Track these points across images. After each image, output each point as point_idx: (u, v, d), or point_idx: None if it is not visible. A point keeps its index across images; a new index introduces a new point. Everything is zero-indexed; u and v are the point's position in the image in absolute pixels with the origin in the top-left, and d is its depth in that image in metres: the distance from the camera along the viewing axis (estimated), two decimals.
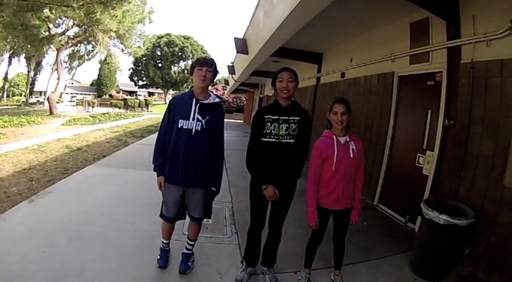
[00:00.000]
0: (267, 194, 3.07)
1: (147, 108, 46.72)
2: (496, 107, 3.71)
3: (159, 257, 3.52)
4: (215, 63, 3.23)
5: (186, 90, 3.52)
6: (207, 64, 3.14)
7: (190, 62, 53.60)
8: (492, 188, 3.68)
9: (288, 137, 3.05)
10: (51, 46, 27.61)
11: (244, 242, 3.56)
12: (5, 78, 52.90)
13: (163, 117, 3.26)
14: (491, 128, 3.76)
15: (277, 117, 3.07)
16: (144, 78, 58.92)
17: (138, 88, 63.63)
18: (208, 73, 3.13)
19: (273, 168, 3.07)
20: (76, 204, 5.05)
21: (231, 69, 17.24)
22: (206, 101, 3.17)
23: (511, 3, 3.56)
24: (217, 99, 3.26)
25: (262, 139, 3.07)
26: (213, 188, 3.24)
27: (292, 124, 3.06)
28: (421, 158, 4.96)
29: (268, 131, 3.05)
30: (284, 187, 3.12)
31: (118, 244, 3.90)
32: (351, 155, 2.97)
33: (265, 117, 3.08)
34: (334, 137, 2.99)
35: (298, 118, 3.08)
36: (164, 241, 3.57)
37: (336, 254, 3.37)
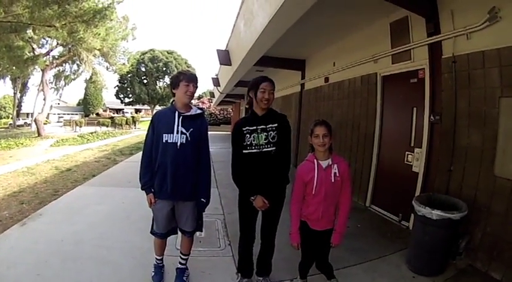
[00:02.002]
0: (257, 204, 3.06)
1: (135, 125, 46.67)
2: (480, 99, 3.74)
3: (153, 273, 3.48)
4: (197, 78, 3.24)
5: None
6: (194, 80, 3.15)
7: None
8: (483, 179, 3.70)
9: (268, 146, 3.04)
10: (36, 67, 27.41)
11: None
12: None
13: (147, 134, 3.24)
14: (477, 120, 3.79)
15: (254, 127, 3.06)
16: (130, 95, 58.42)
17: (125, 105, 63.16)
18: (194, 89, 3.14)
19: (258, 179, 3.06)
20: (68, 224, 4.98)
21: (216, 82, 17.28)
22: (188, 113, 3.17)
23: None
24: (199, 111, 3.27)
25: (244, 151, 3.06)
26: (202, 199, 3.23)
27: (271, 132, 3.05)
28: (409, 156, 4.97)
29: (248, 143, 3.05)
30: (273, 195, 3.10)
31: (112, 262, 3.83)
32: (332, 179, 2.91)
33: (243, 129, 3.07)
34: (315, 161, 2.94)
35: (276, 125, 3.07)
36: (157, 257, 3.53)
37: (323, 272, 3.31)
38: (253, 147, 3.04)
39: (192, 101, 3.28)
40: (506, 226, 3.42)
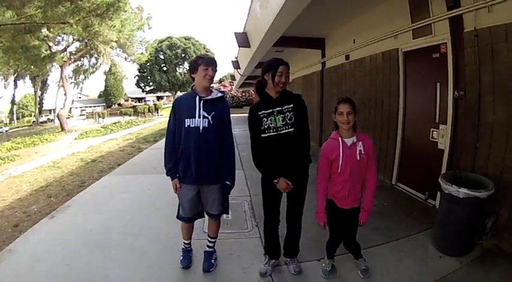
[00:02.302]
0: (280, 186, 3.08)
1: (157, 113, 47.35)
2: (504, 73, 3.62)
3: (181, 257, 3.56)
4: (217, 62, 3.21)
5: None
6: (213, 64, 3.14)
7: None
8: (510, 156, 3.60)
9: (286, 127, 3.05)
10: (54, 64, 27.91)
11: None
12: (13, 102, 54.06)
13: (169, 120, 3.28)
14: (502, 95, 3.67)
15: (270, 110, 3.06)
16: (151, 84, 58.90)
17: (146, 94, 63.67)
18: (213, 72, 3.13)
19: (280, 161, 3.08)
20: (95, 214, 5.15)
21: (236, 64, 17.27)
22: (209, 97, 3.17)
23: None
24: (220, 94, 3.26)
25: (262, 135, 3.08)
26: (227, 182, 3.27)
27: (288, 113, 3.05)
28: (434, 133, 4.88)
29: (266, 126, 3.06)
30: (295, 176, 3.12)
31: (139, 249, 3.97)
32: (358, 157, 2.91)
33: (259, 113, 3.08)
34: (340, 139, 2.94)
35: (291, 105, 3.07)
36: (185, 242, 3.60)
37: (351, 251, 3.36)
38: (271, 131, 3.05)
39: (213, 85, 3.29)
40: None
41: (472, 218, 3.52)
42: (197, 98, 3.13)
